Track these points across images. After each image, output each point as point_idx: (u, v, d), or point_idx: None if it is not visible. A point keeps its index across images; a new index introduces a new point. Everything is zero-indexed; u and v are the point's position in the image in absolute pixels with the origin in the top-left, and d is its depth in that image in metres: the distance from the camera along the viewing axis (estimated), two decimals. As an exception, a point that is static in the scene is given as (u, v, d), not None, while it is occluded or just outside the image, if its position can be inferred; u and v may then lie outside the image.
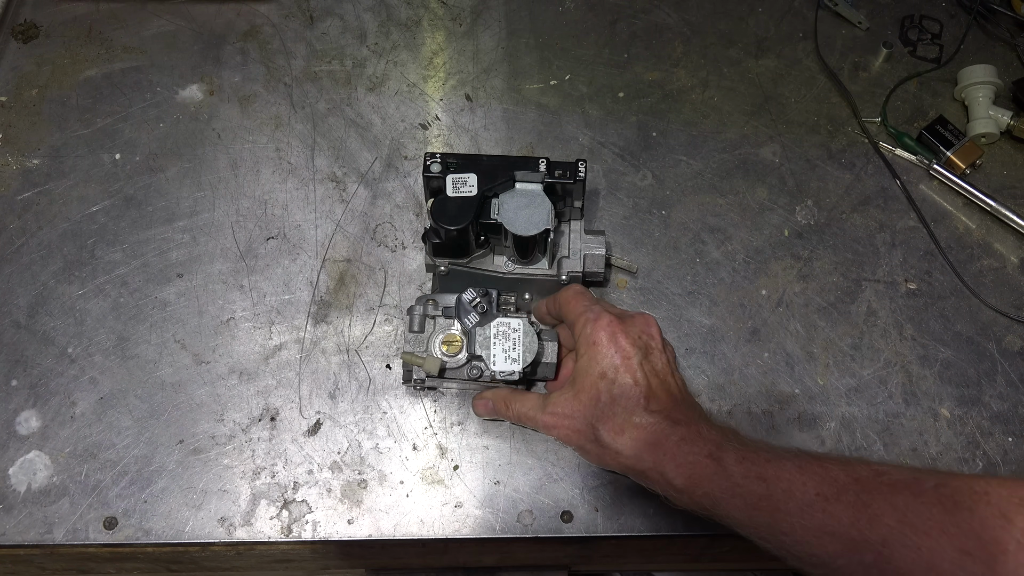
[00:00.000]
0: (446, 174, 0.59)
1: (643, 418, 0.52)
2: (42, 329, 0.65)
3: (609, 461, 0.54)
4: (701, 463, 0.50)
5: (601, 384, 0.54)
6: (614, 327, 0.55)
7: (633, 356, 0.54)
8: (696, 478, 0.50)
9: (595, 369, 0.54)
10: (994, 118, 0.75)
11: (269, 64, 0.78)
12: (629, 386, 0.53)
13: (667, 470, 0.51)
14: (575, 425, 0.54)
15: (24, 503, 0.59)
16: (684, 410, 0.54)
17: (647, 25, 0.82)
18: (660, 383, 0.54)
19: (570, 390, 0.55)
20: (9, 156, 0.72)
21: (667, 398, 0.54)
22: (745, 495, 0.48)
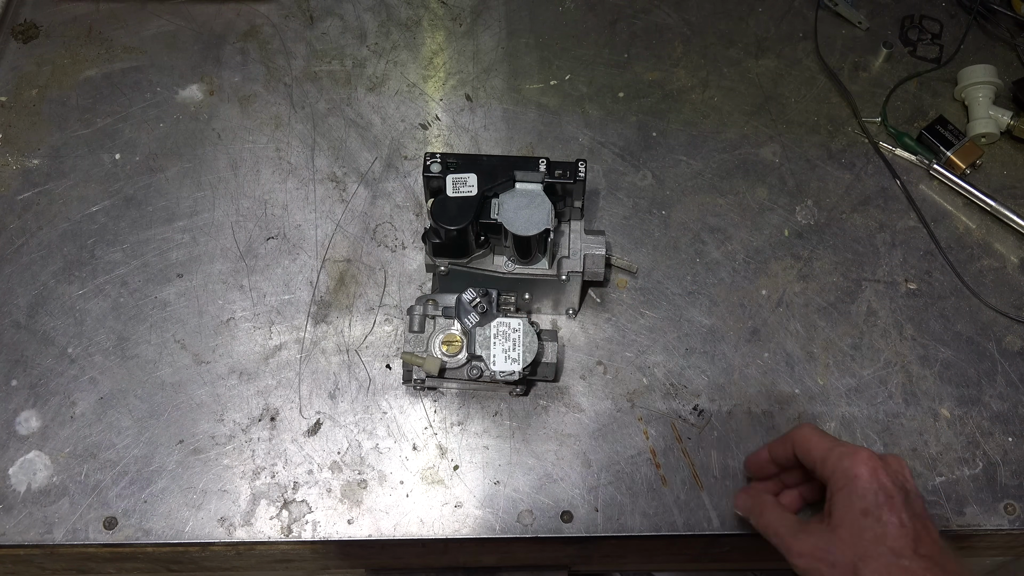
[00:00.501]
0: (446, 174, 0.59)
1: (913, 562, 0.49)
2: (42, 329, 0.65)
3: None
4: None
5: (865, 522, 0.50)
6: (874, 463, 0.51)
7: (896, 495, 0.51)
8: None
9: (857, 505, 0.51)
10: (994, 118, 0.75)
11: (269, 64, 0.78)
12: (896, 526, 0.50)
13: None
14: (830, 559, 0.51)
15: (24, 503, 0.59)
16: (952, 560, 0.50)
17: (647, 25, 0.82)
18: (923, 527, 0.51)
19: (827, 524, 0.52)
20: (9, 156, 0.72)
21: (932, 544, 0.50)
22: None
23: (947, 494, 0.62)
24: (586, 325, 0.67)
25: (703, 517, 0.60)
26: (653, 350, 0.66)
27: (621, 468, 0.62)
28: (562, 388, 0.64)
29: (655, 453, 0.62)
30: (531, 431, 0.63)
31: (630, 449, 0.62)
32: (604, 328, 0.67)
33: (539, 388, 0.64)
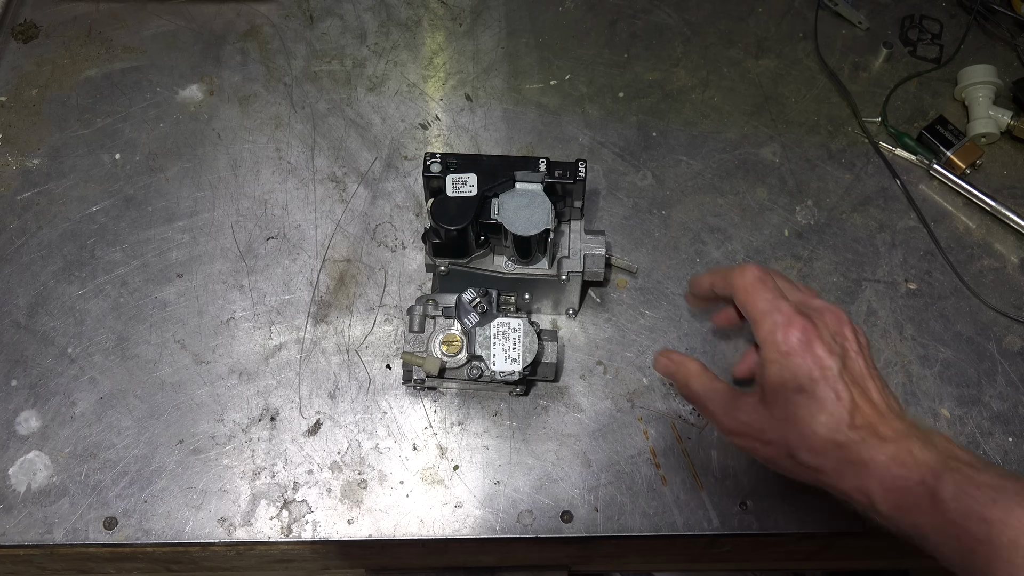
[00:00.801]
0: (446, 174, 0.59)
1: (847, 435, 0.47)
2: (42, 329, 0.65)
3: (805, 477, 0.50)
4: (912, 491, 0.45)
5: (798, 399, 0.49)
6: (808, 333, 0.49)
7: (832, 367, 0.49)
8: (905, 507, 0.46)
9: (791, 383, 0.49)
10: (994, 118, 0.75)
11: (269, 64, 0.78)
12: (831, 401, 0.48)
13: (873, 493, 0.47)
14: (765, 438, 0.50)
15: (24, 503, 0.59)
16: (892, 423, 0.49)
17: (647, 25, 0.82)
18: (861, 393, 0.49)
19: (760, 400, 0.51)
20: (9, 156, 0.72)
21: (871, 410, 0.49)
22: (960, 536, 0.43)
23: (947, 494, 0.61)
24: (586, 325, 0.67)
25: (703, 517, 0.60)
26: (653, 350, 0.66)
27: (621, 468, 0.62)
28: (562, 388, 0.64)
29: (655, 453, 0.62)
30: (531, 431, 0.63)
31: (630, 449, 0.62)
32: (604, 328, 0.67)
33: (539, 388, 0.64)
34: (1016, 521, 0.42)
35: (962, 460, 0.46)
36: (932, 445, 0.47)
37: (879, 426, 0.48)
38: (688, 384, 0.55)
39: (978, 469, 0.45)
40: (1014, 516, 0.42)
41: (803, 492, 0.61)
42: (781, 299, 0.51)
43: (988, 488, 0.44)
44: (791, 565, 0.74)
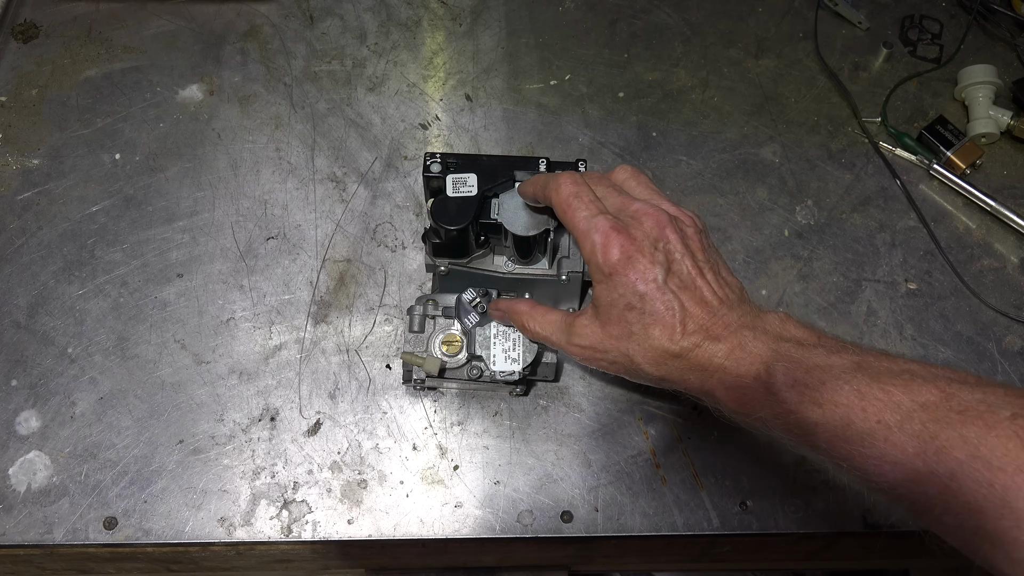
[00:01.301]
0: (446, 174, 0.59)
1: (680, 344, 0.48)
2: (42, 329, 0.65)
3: (655, 384, 0.51)
4: (749, 387, 0.46)
5: (630, 316, 0.49)
6: (627, 249, 0.49)
7: (657, 276, 0.48)
8: (746, 402, 0.46)
9: (619, 301, 0.49)
10: (994, 118, 0.75)
11: (269, 64, 0.78)
12: (660, 313, 0.48)
13: (716, 394, 0.47)
14: (609, 357, 0.50)
15: (24, 503, 0.59)
16: (724, 319, 0.48)
17: (647, 25, 0.82)
18: (691, 296, 0.49)
19: (595, 320, 0.51)
20: (9, 156, 0.72)
21: (703, 312, 0.48)
22: (799, 422, 0.44)
23: (947, 494, 0.61)
24: (586, 325, 0.67)
25: (703, 517, 0.60)
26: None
27: (621, 468, 0.62)
28: (562, 388, 0.64)
29: (655, 453, 0.62)
30: (531, 431, 0.63)
31: (630, 449, 0.62)
32: (604, 328, 0.67)
33: (539, 388, 0.64)
34: (844, 399, 0.43)
35: (793, 339, 0.47)
36: (763, 332, 0.47)
37: (711, 326, 0.48)
38: (525, 325, 0.55)
39: (808, 349, 0.46)
40: (842, 395, 0.43)
41: (803, 492, 0.61)
42: (598, 214, 0.50)
43: (817, 370, 0.44)
44: (791, 565, 0.74)
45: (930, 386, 0.42)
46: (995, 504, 0.38)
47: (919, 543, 0.65)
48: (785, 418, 0.45)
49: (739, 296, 0.50)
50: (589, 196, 0.52)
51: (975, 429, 0.39)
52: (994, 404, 0.40)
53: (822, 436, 0.44)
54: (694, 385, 0.48)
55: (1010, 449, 0.38)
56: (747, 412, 0.46)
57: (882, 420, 0.42)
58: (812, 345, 0.47)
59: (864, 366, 0.44)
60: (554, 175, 0.54)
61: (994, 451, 0.38)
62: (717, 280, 0.50)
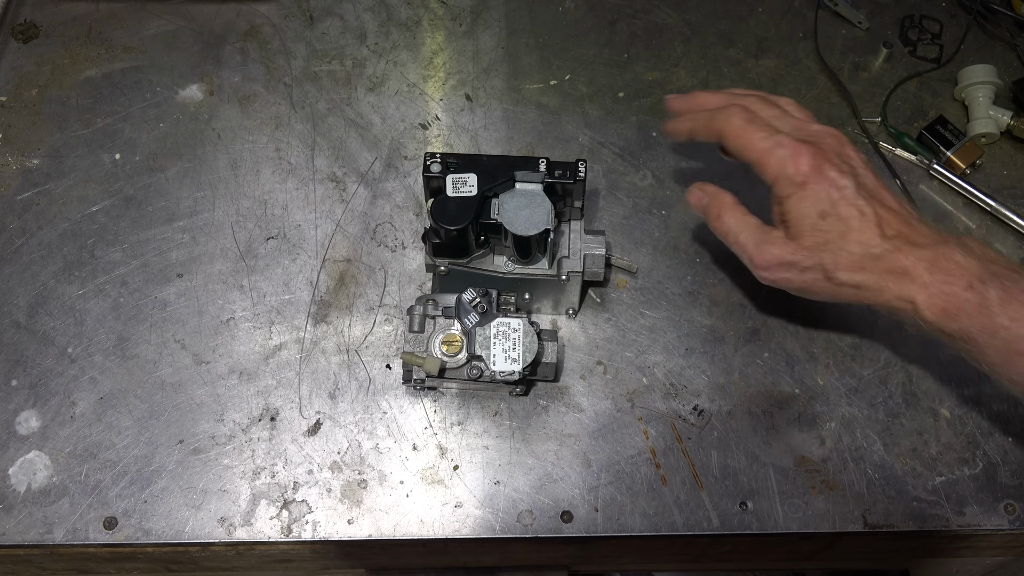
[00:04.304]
0: (446, 174, 0.59)
1: (881, 247, 0.47)
2: (42, 329, 0.65)
3: (846, 296, 0.50)
4: (958, 296, 0.45)
5: (824, 224, 0.48)
6: (817, 158, 0.49)
7: (848, 185, 0.48)
8: (951, 312, 0.46)
9: (812, 210, 0.49)
10: (994, 118, 0.75)
11: (269, 64, 0.78)
12: (856, 218, 0.48)
13: (917, 300, 0.47)
14: (800, 267, 0.50)
15: (24, 503, 0.59)
16: (920, 229, 0.48)
17: (647, 25, 0.82)
18: (882, 204, 0.49)
19: (786, 233, 0.50)
20: (9, 156, 0.72)
21: (897, 219, 0.48)
22: (1008, 339, 0.44)
23: (947, 494, 0.62)
24: (586, 325, 0.67)
25: (703, 517, 0.60)
26: (653, 350, 0.66)
27: (621, 468, 0.62)
28: (562, 388, 0.64)
29: (655, 453, 0.62)
30: (531, 431, 0.63)
31: (630, 449, 0.62)
32: (604, 328, 0.67)
33: (539, 388, 0.64)
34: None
35: (1002, 264, 0.46)
36: (969, 249, 0.47)
37: (911, 234, 0.48)
38: (721, 216, 0.54)
39: (1020, 272, 0.46)
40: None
41: (803, 492, 0.61)
42: (778, 133, 0.51)
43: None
44: (791, 565, 0.74)
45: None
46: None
47: (919, 543, 0.66)
48: (995, 333, 0.44)
49: (920, 214, 0.50)
50: (762, 121, 0.52)
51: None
52: None
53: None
54: (891, 292, 0.48)
55: None
56: (950, 322, 0.46)
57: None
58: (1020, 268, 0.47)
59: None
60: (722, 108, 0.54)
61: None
62: (896, 197, 0.50)
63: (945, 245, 0.47)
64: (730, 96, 0.56)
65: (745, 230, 0.53)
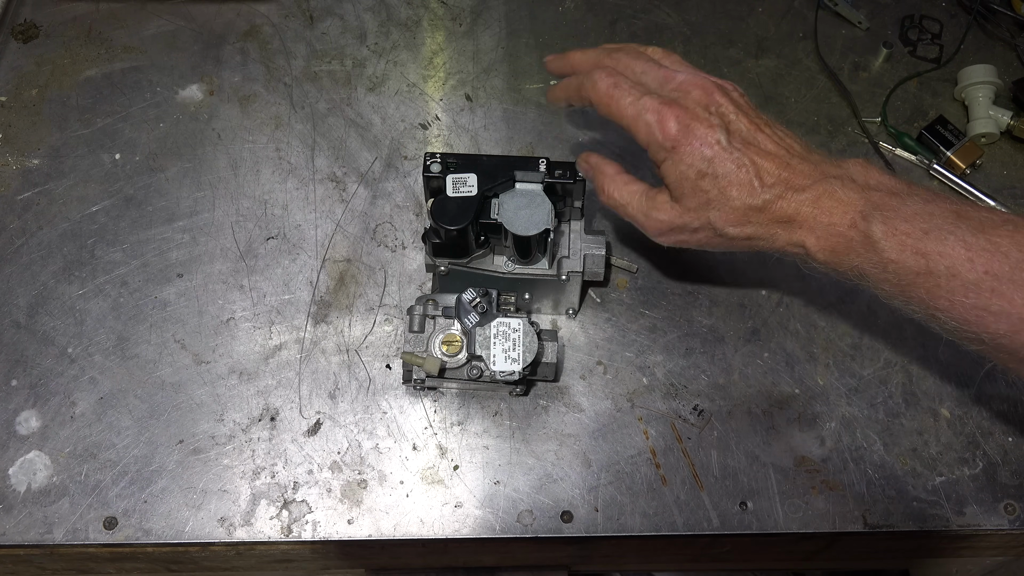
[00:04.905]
0: (446, 174, 0.59)
1: (763, 197, 0.47)
2: (42, 329, 0.65)
3: (741, 247, 0.50)
4: (844, 235, 0.45)
5: (703, 183, 0.48)
6: (683, 118, 0.48)
7: (720, 138, 0.48)
8: (840, 251, 0.46)
9: (689, 172, 0.48)
10: (994, 118, 0.75)
11: (269, 64, 0.78)
12: (733, 172, 0.47)
13: (807, 244, 0.47)
14: (690, 229, 0.50)
15: (24, 503, 0.59)
16: (799, 168, 0.48)
17: (647, 25, 0.82)
18: (758, 150, 0.48)
19: (671, 199, 0.50)
20: (9, 156, 0.72)
21: (774, 164, 0.48)
22: (899, 272, 0.44)
23: (947, 494, 0.62)
24: (586, 325, 0.67)
25: (703, 517, 0.61)
26: (653, 350, 0.66)
27: (621, 468, 0.62)
28: (562, 388, 0.64)
29: (655, 453, 0.62)
30: (531, 431, 0.63)
31: (630, 449, 0.62)
32: (604, 328, 0.67)
33: (539, 388, 0.64)
34: (950, 250, 0.43)
35: (885, 189, 0.46)
36: (851, 181, 0.47)
37: (791, 177, 0.48)
38: (606, 189, 0.54)
39: (903, 198, 0.45)
40: (947, 245, 0.43)
41: (803, 492, 0.61)
42: (643, 95, 0.50)
43: (917, 218, 0.44)
44: (791, 565, 0.74)
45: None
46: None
47: (919, 543, 0.66)
48: (884, 267, 0.44)
49: (804, 147, 0.50)
50: (628, 83, 0.51)
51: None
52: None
53: (923, 286, 0.44)
54: (782, 239, 0.48)
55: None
56: (840, 260, 0.46)
57: (990, 271, 0.42)
58: (905, 193, 0.46)
59: (963, 215, 0.44)
60: (587, 74, 0.54)
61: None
62: (776, 135, 0.50)
63: (826, 182, 0.47)
64: (600, 54, 0.55)
65: (632, 200, 0.53)
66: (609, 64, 0.53)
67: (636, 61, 0.53)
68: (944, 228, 0.43)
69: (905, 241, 0.44)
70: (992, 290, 0.42)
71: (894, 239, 0.44)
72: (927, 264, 0.43)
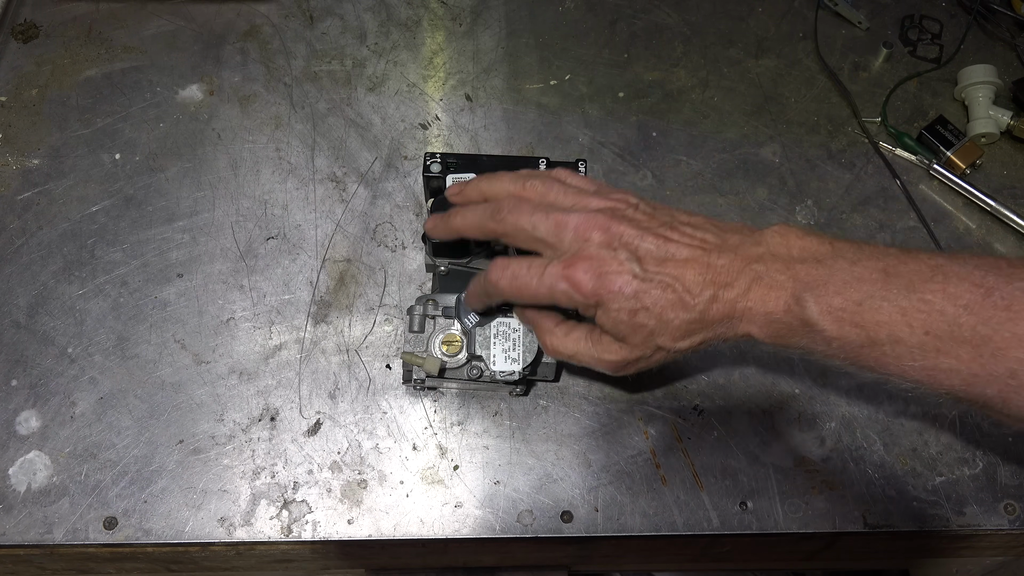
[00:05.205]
0: (446, 174, 0.59)
1: (698, 307, 0.47)
2: (42, 329, 0.65)
3: (704, 349, 0.50)
4: (781, 321, 0.45)
5: (639, 318, 0.48)
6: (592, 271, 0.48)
7: (636, 273, 0.47)
8: (783, 335, 0.46)
9: (622, 315, 0.48)
10: (994, 118, 0.75)
11: (269, 64, 0.78)
12: (661, 296, 0.47)
13: (752, 333, 0.47)
14: (643, 360, 0.50)
15: (24, 503, 0.59)
16: (725, 263, 0.47)
17: (647, 25, 0.82)
18: (675, 263, 0.47)
19: (614, 341, 0.50)
20: (9, 156, 0.72)
21: (697, 270, 0.47)
22: (843, 346, 0.44)
23: (947, 494, 0.62)
24: (586, 325, 0.67)
25: (703, 517, 0.61)
26: (653, 350, 0.66)
27: (621, 468, 0.62)
28: (562, 388, 0.64)
29: (655, 453, 0.62)
30: (531, 431, 0.63)
31: (630, 449, 0.62)
32: (604, 328, 0.67)
33: (539, 388, 0.64)
34: (887, 318, 0.43)
35: (809, 258, 0.46)
36: (772, 259, 0.47)
37: (714, 276, 0.47)
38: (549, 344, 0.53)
39: (828, 265, 0.45)
40: (883, 314, 0.43)
41: (803, 492, 0.61)
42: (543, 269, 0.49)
43: (848, 288, 0.44)
44: (791, 565, 0.74)
45: (966, 284, 0.42)
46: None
47: (919, 543, 0.66)
48: (827, 344, 0.45)
49: (717, 232, 0.49)
50: (523, 263, 0.50)
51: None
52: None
53: (870, 356, 0.44)
54: (730, 334, 0.48)
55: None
56: (787, 344, 0.46)
57: (930, 331, 0.42)
58: (829, 257, 0.46)
59: (892, 272, 0.44)
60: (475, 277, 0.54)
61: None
62: (685, 235, 0.49)
63: (749, 270, 0.47)
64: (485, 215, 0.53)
65: (578, 348, 0.52)
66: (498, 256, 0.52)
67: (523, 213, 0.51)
68: (876, 295, 0.43)
69: (842, 316, 0.44)
70: (937, 350, 0.42)
71: (830, 317, 0.44)
72: (868, 335, 0.43)
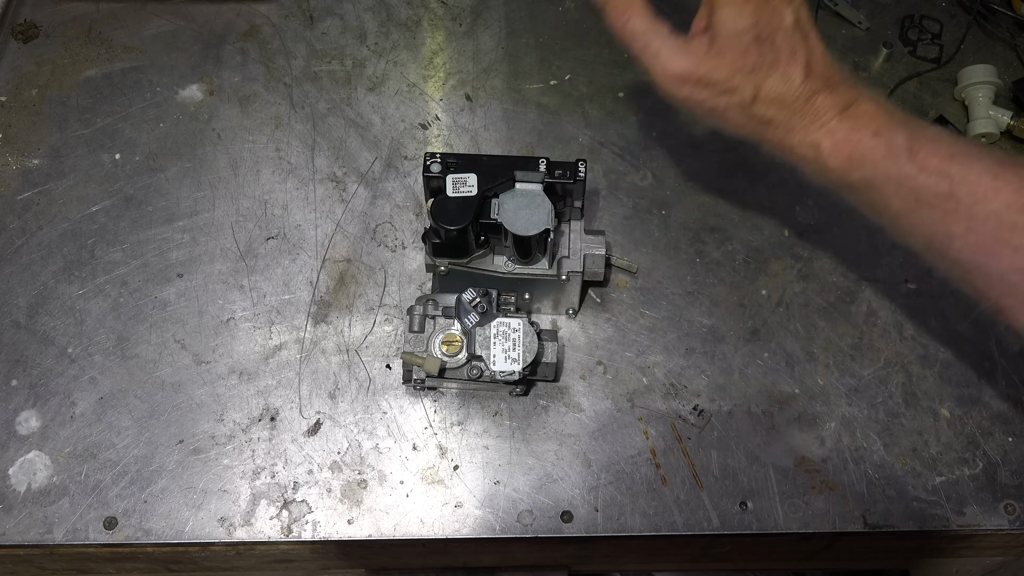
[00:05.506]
0: (446, 174, 0.59)
1: (804, 85, 0.46)
2: (42, 329, 0.65)
3: (750, 130, 0.48)
4: (864, 143, 0.44)
5: (759, 48, 0.46)
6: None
7: (788, 17, 0.46)
8: (856, 159, 0.45)
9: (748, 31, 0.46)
10: (994, 118, 0.75)
11: (269, 64, 0.78)
12: (787, 52, 0.46)
13: (822, 145, 0.46)
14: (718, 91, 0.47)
15: (24, 503, 0.59)
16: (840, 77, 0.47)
17: (647, 25, 0.82)
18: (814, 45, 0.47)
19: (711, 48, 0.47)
20: (9, 156, 0.72)
21: (822, 63, 0.47)
22: (917, 190, 0.43)
23: (947, 494, 0.62)
24: (586, 325, 0.67)
25: (703, 517, 0.61)
26: (653, 350, 0.66)
27: (621, 468, 0.62)
28: (562, 388, 0.64)
29: (655, 453, 0.62)
30: (531, 431, 0.63)
31: (630, 449, 0.62)
32: (604, 328, 0.67)
33: (539, 388, 0.64)
34: (976, 177, 0.42)
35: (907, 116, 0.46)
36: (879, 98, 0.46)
37: (831, 76, 0.47)
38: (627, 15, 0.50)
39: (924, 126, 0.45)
40: (973, 172, 0.42)
41: (803, 492, 0.61)
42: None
43: (942, 141, 0.43)
44: (791, 565, 0.74)
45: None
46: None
47: (919, 543, 0.66)
48: (900, 183, 0.43)
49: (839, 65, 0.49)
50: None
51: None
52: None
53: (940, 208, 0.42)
54: (798, 135, 0.47)
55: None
56: (853, 169, 0.45)
57: (1014, 204, 0.41)
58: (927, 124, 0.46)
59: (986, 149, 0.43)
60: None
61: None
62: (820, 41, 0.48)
63: (859, 89, 0.46)
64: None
65: (657, 36, 0.49)
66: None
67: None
68: (970, 155, 0.43)
69: (929, 160, 0.43)
70: (1013, 225, 0.41)
71: (917, 155, 0.43)
72: (950, 187, 0.42)
